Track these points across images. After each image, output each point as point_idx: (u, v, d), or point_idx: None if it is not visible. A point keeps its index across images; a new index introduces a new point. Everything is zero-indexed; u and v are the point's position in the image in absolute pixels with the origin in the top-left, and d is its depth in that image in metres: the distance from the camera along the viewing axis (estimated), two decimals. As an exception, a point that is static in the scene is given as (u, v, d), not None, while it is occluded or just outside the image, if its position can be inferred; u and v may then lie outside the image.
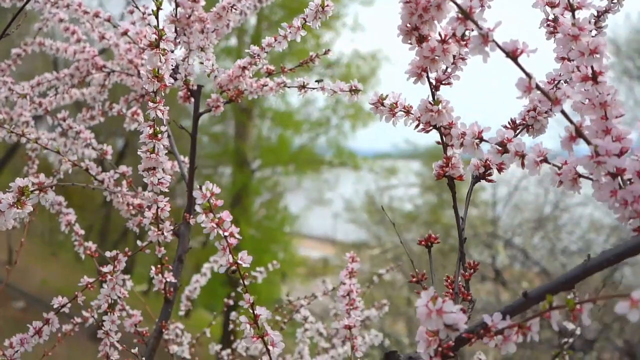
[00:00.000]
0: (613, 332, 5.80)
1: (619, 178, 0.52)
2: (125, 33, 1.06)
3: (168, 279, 0.96)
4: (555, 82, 0.69)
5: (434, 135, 0.65)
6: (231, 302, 1.50)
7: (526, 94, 0.51)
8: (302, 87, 0.94)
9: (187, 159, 1.09)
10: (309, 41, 11.01)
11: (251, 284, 1.38)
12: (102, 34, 1.14)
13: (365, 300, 1.66)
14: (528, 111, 0.68)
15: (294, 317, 1.33)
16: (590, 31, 0.70)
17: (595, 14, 0.72)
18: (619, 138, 0.53)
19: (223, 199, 0.63)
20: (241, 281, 0.64)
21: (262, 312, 0.65)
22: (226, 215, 0.62)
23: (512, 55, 0.50)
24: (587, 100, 0.54)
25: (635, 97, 8.65)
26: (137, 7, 0.96)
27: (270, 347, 0.64)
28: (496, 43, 0.50)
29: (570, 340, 1.10)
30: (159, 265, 0.95)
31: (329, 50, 0.98)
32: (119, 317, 0.96)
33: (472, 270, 0.63)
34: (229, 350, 1.33)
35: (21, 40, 1.34)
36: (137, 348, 0.93)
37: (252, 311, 0.64)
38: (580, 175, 0.54)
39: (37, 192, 0.66)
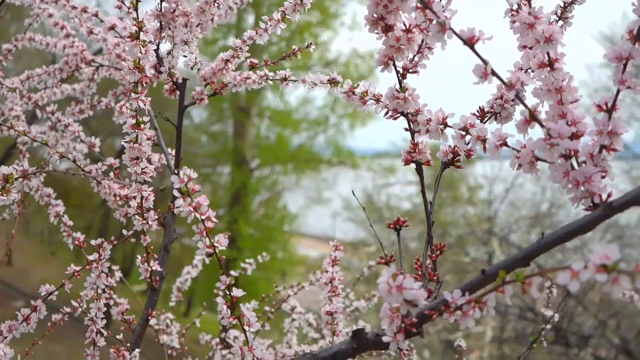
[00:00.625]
0: (609, 329, 5.83)
1: (573, 160, 0.54)
2: (112, 28, 1.08)
3: (154, 268, 0.99)
4: (523, 71, 0.71)
5: None
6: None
7: (482, 80, 0.53)
8: (284, 79, 0.96)
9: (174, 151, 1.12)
10: (307, 41, 11.06)
11: (251, 283, 1.40)
12: (90, 29, 1.17)
13: (359, 295, 1.68)
14: (496, 99, 0.70)
15: (283, 307, 1.36)
16: (557, 21, 0.73)
17: (562, 5, 0.74)
18: (574, 122, 0.55)
19: (222, 198, 0.65)
20: (218, 264, 0.66)
21: (238, 293, 0.67)
22: (203, 200, 0.65)
23: (469, 42, 0.53)
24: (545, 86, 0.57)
25: (633, 95, 8.67)
26: (123, 3, 0.98)
27: (246, 328, 0.66)
28: (453, 31, 0.52)
29: (548, 326, 1.12)
30: (144, 254, 0.98)
31: (311, 44, 1.00)
32: (106, 305, 0.99)
33: (438, 252, 0.66)
34: (217, 340, 1.36)
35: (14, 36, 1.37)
36: (122, 335, 0.95)
37: (228, 293, 0.67)
38: (537, 158, 0.57)
39: (21, 179, 0.69)
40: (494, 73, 0.53)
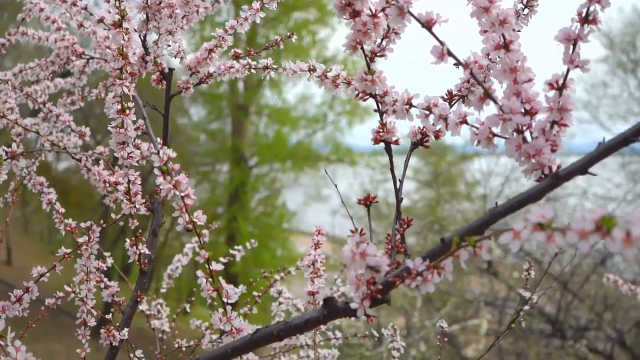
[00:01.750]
0: (605, 322, 5.88)
1: (527, 134, 0.58)
2: (101, 20, 1.11)
3: (142, 251, 1.02)
4: (489, 56, 0.75)
5: None
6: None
7: (439, 60, 0.57)
8: (266, 67, 1.00)
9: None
10: (305, 38, 11.08)
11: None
12: (80, 22, 1.20)
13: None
14: (463, 82, 0.73)
15: (270, 292, 1.40)
16: (523, 10, 0.76)
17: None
18: (528, 100, 0.59)
19: (221, 196, 0.68)
20: (197, 238, 0.70)
21: (217, 267, 0.71)
22: (182, 178, 0.68)
23: (427, 25, 0.56)
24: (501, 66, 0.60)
25: (630, 90, 8.69)
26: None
27: (225, 300, 0.70)
28: (412, 14, 0.56)
29: (527, 307, 1.15)
30: (133, 238, 1.01)
31: (292, 34, 1.04)
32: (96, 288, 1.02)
33: (405, 226, 0.69)
34: (207, 324, 1.39)
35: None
36: (111, 315, 0.99)
37: (207, 267, 0.71)
38: (494, 134, 0.60)
39: (9, 160, 0.72)
40: (450, 53, 0.56)
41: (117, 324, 1.01)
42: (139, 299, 1.04)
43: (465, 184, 9.68)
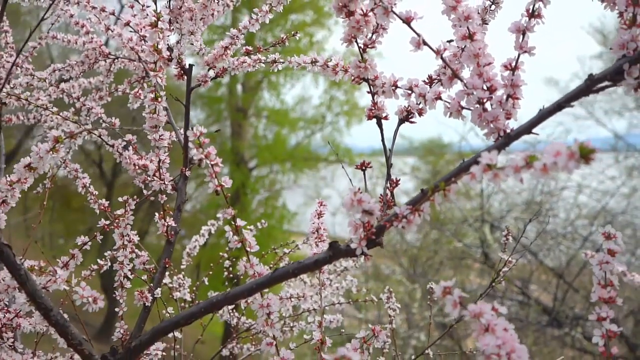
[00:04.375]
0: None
1: (486, 105, 0.73)
2: (127, 24, 1.27)
3: (169, 224, 1.18)
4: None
5: (429, 131, 0.86)
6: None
7: (416, 49, 0.72)
8: (274, 61, 1.15)
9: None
10: (302, 40, 11.25)
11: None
12: (107, 26, 1.35)
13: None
14: (440, 68, 0.89)
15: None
16: (490, 6, 0.92)
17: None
18: (488, 79, 0.75)
19: (221, 198, 0.82)
20: (225, 201, 0.85)
21: (242, 223, 0.86)
22: (212, 150, 0.84)
23: (407, 21, 0.72)
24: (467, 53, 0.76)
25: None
26: (137, 1, 1.17)
27: (248, 249, 0.86)
28: (395, 13, 0.72)
29: (506, 269, 1.31)
30: (161, 212, 1.17)
31: (296, 32, 1.19)
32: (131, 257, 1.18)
33: (395, 185, 0.85)
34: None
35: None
36: (145, 276, 1.14)
37: (234, 223, 0.86)
38: (462, 107, 0.76)
39: (68, 139, 0.87)
40: (425, 43, 0.72)
41: (149, 287, 1.16)
42: (167, 265, 1.20)
43: (463, 182, 9.82)
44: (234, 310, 1.61)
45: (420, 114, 0.88)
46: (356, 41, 0.81)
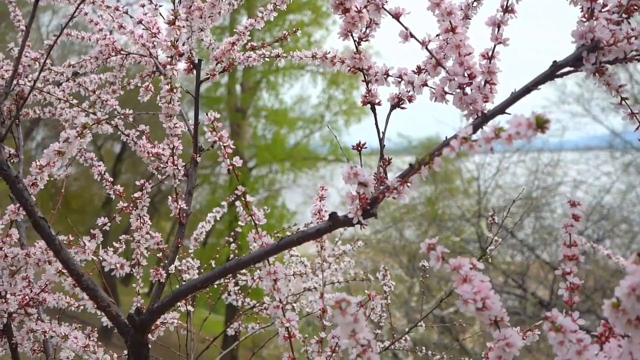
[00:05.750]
0: (595, 303, 6.15)
1: (466, 90, 0.83)
2: (140, 22, 1.37)
3: (182, 206, 1.28)
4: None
5: (427, 130, 0.95)
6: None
7: (404, 40, 0.82)
8: (277, 56, 1.25)
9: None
10: (301, 40, 11.34)
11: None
12: (120, 24, 1.45)
13: (362, 291, 1.94)
14: (427, 58, 0.99)
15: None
16: (473, 2, 1.02)
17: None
18: (468, 67, 0.85)
19: (221, 198, 0.91)
20: (236, 179, 0.95)
21: (251, 199, 0.96)
22: (224, 133, 0.94)
23: (396, 16, 0.82)
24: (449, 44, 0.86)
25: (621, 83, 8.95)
26: (151, 1, 1.27)
27: (256, 222, 0.96)
28: (385, 9, 0.82)
29: (492, 247, 1.40)
30: (174, 195, 1.27)
31: (297, 29, 1.29)
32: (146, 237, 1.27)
33: (387, 163, 0.95)
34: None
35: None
36: (160, 253, 1.24)
37: (244, 199, 0.96)
38: (445, 92, 0.86)
39: (95, 125, 0.97)
40: (412, 35, 0.82)
41: (163, 263, 1.26)
42: (179, 245, 1.30)
43: (462, 180, 9.95)
44: (240, 292, 1.70)
45: (410, 101, 0.98)
46: (352, 35, 0.91)
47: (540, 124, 0.59)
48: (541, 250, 6.94)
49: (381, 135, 0.96)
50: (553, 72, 0.76)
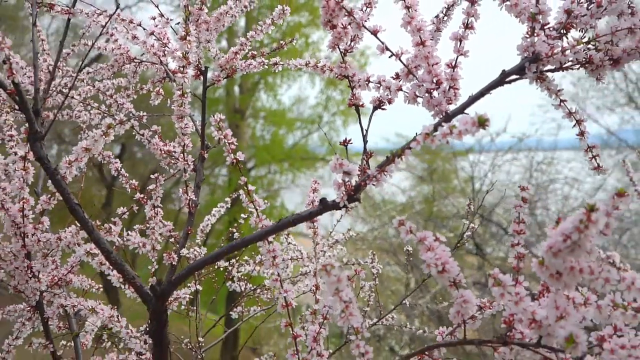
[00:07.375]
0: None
1: (435, 93, 0.99)
2: (152, 33, 1.53)
3: (191, 197, 1.44)
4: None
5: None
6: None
7: (381, 53, 0.98)
8: (276, 64, 1.42)
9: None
10: (298, 41, 11.49)
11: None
12: (134, 35, 1.61)
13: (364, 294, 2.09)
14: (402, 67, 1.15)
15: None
16: (444, 17, 1.18)
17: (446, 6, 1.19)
18: (436, 75, 1.01)
19: (220, 199, 1.06)
20: (240, 171, 1.11)
21: (252, 188, 1.12)
22: (229, 131, 1.10)
23: (374, 32, 0.98)
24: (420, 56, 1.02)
25: (616, 82, 9.11)
26: (161, 15, 1.43)
27: (257, 207, 1.11)
28: (365, 27, 0.98)
29: (469, 233, 1.56)
30: (184, 187, 1.43)
31: (293, 39, 1.45)
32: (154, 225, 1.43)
33: (369, 155, 1.11)
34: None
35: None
36: (172, 238, 1.40)
37: (246, 188, 1.12)
38: (417, 95, 1.02)
39: (119, 124, 1.13)
40: (387, 48, 0.98)
41: (175, 248, 1.42)
42: (189, 232, 1.46)
43: (459, 179, 10.11)
44: (243, 278, 1.86)
45: (389, 103, 1.14)
46: (339, 47, 1.07)
47: (482, 122, 0.75)
48: (535, 247, 7.11)
49: (364, 132, 1.12)
50: (502, 79, 0.92)
